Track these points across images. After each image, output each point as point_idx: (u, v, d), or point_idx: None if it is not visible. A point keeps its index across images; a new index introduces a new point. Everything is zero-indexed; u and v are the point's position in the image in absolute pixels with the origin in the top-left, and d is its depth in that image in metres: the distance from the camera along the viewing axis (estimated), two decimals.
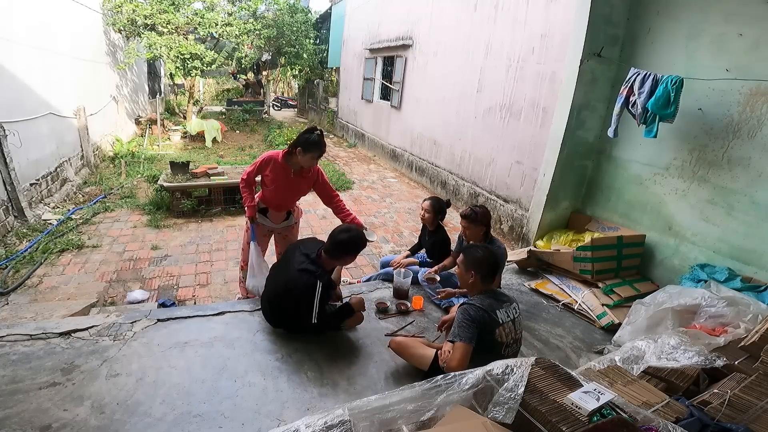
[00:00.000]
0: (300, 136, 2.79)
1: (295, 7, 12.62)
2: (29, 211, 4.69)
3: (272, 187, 2.93)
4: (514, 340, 2.12)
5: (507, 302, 2.15)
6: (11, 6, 4.85)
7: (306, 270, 2.40)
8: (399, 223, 5.69)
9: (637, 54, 3.50)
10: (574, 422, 1.34)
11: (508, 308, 2.12)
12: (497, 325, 2.04)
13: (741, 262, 2.94)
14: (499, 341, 2.05)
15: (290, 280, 2.43)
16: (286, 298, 2.47)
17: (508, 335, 2.07)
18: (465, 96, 6.23)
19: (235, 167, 6.37)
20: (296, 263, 2.45)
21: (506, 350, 2.07)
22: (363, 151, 10.84)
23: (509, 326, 2.09)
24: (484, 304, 2.07)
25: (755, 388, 1.80)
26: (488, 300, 2.10)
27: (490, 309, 2.06)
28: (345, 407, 1.44)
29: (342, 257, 2.52)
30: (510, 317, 2.10)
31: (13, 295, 3.38)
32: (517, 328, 2.14)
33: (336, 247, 2.46)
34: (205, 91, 20.14)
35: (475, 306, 2.07)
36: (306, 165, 2.84)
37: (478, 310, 2.05)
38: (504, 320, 2.07)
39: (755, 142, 2.83)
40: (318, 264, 2.46)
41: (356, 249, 2.52)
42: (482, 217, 2.92)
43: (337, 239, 2.46)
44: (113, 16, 8.73)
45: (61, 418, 1.88)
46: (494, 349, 2.03)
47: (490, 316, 2.04)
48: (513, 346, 2.12)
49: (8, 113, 4.52)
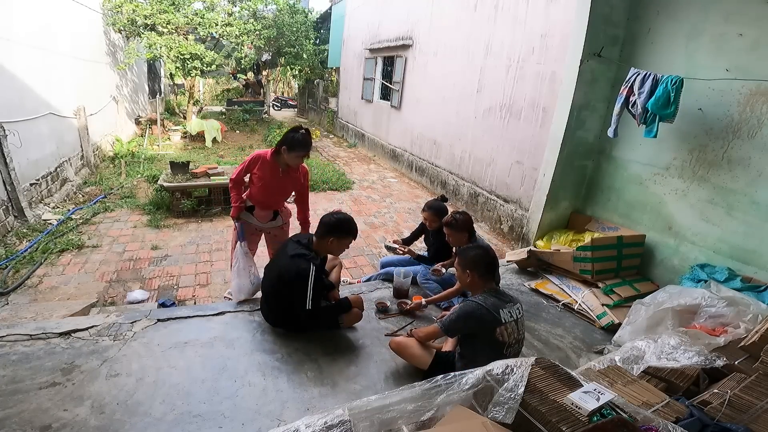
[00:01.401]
0: (286, 134, 2.82)
1: (295, 8, 12.62)
2: (29, 211, 4.69)
3: (259, 185, 2.94)
4: (516, 340, 2.12)
5: (510, 302, 2.15)
6: (11, 6, 4.85)
7: (298, 254, 2.44)
8: (399, 223, 5.69)
9: (637, 54, 3.50)
10: (574, 422, 1.34)
11: (511, 308, 2.12)
12: (499, 324, 2.04)
13: (741, 262, 2.94)
14: (500, 340, 2.05)
15: (283, 267, 2.47)
16: (281, 286, 2.49)
17: (510, 335, 2.07)
18: (465, 96, 6.23)
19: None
20: (289, 251, 2.51)
21: (508, 350, 2.07)
22: (363, 151, 10.84)
23: (512, 326, 2.08)
24: (487, 303, 2.08)
25: (755, 388, 1.80)
26: (492, 299, 2.11)
27: (492, 308, 2.06)
28: (345, 407, 1.45)
29: (333, 241, 2.51)
30: (513, 317, 2.10)
31: (13, 295, 3.38)
32: (520, 329, 2.14)
33: (324, 229, 2.49)
34: (205, 91, 20.14)
35: (476, 303, 2.09)
36: (292, 164, 2.87)
37: (479, 308, 2.06)
38: (507, 320, 2.07)
39: (755, 142, 2.83)
40: (310, 249, 2.51)
41: (344, 231, 2.51)
42: (463, 224, 2.90)
43: (324, 221, 2.51)
44: (113, 16, 8.73)
45: (61, 418, 1.88)
46: (496, 349, 2.03)
47: (492, 315, 2.04)
48: (515, 346, 2.12)
49: (8, 113, 4.52)
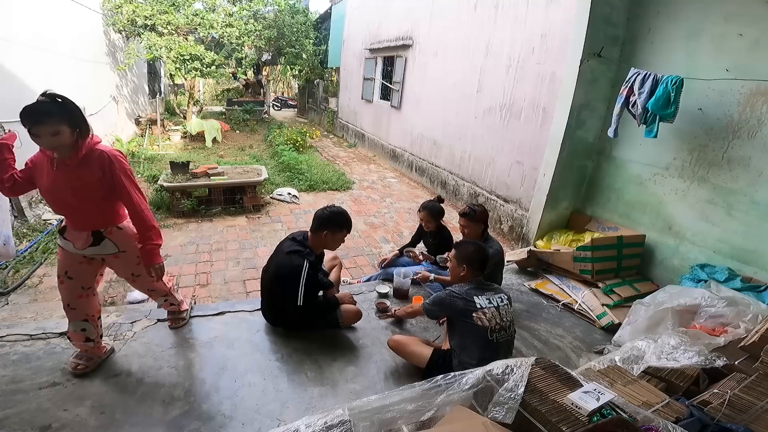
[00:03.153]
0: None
1: (296, 8, 12.63)
2: (29, 211, 4.69)
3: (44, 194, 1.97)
4: (501, 326, 2.15)
5: (491, 291, 2.25)
6: (11, 6, 4.86)
7: (292, 251, 2.46)
8: (399, 223, 5.69)
9: (637, 54, 3.50)
10: (574, 422, 1.34)
11: (491, 296, 2.21)
12: (474, 309, 2.14)
13: (741, 262, 2.94)
14: (480, 324, 2.11)
15: (278, 264, 2.49)
16: (276, 284, 2.49)
17: (491, 320, 2.13)
18: (465, 96, 6.23)
19: (235, 167, 6.38)
20: (285, 248, 2.52)
21: (493, 335, 2.12)
22: (363, 151, 10.84)
23: (491, 311, 2.15)
24: (460, 291, 2.22)
25: (755, 388, 1.80)
26: (467, 288, 2.23)
27: (467, 295, 2.19)
28: (345, 407, 1.45)
29: (327, 235, 2.51)
30: (493, 304, 2.18)
31: (13, 295, 3.38)
32: (503, 315, 2.19)
33: (317, 223, 2.51)
34: (205, 91, 20.14)
35: (448, 291, 2.27)
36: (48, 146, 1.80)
37: (450, 294, 2.24)
38: (483, 305, 2.15)
39: (755, 142, 2.82)
40: (305, 245, 2.51)
41: (337, 224, 2.51)
42: (480, 215, 2.96)
43: (317, 215, 2.52)
44: (113, 17, 8.73)
45: (61, 418, 1.88)
46: (478, 334, 2.11)
47: (464, 300, 2.17)
48: (501, 333, 2.15)
49: (8, 113, 4.50)
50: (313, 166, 8.05)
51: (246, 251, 4.48)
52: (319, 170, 7.83)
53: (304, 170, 7.59)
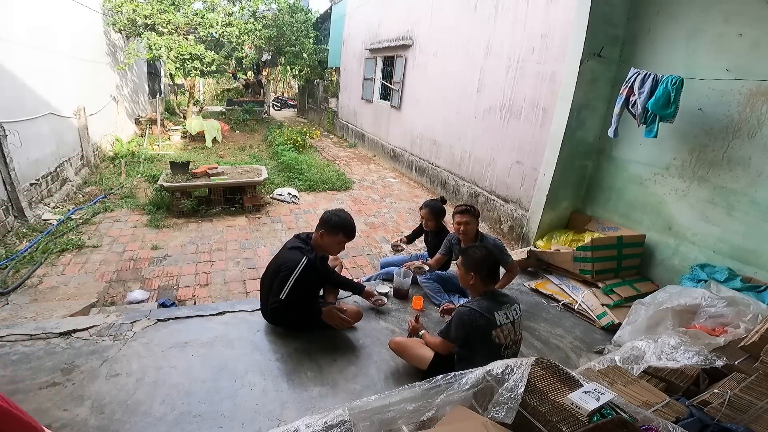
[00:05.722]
0: None
1: (295, 7, 12.62)
2: (29, 211, 4.69)
3: None
4: (514, 341, 2.12)
5: (507, 303, 2.15)
6: (11, 6, 4.85)
7: (294, 247, 2.51)
8: (399, 223, 5.69)
9: (637, 54, 3.50)
10: (574, 422, 1.34)
11: (507, 309, 2.12)
12: (494, 327, 2.05)
13: (741, 262, 2.94)
14: (497, 342, 2.05)
15: (278, 259, 2.53)
16: (273, 278, 2.49)
17: (506, 337, 2.07)
18: (465, 96, 6.23)
19: (235, 167, 6.37)
20: (288, 245, 2.57)
21: (505, 351, 2.07)
22: (363, 151, 10.84)
23: (508, 328, 2.09)
24: (481, 307, 2.08)
25: (755, 388, 1.80)
26: (486, 302, 2.11)
27: (487, 311, 2.07)
28: (345, 407, 1.45)
29: (323, 234, 2.51)
30: (509, 319, 2.10)
31: (13, 295, 3.38)
32: (517, 330, 2.14)
33: (319, 222, 2.55)
34: (205, 91, 20.14)
35: (470, 309, 2.10)
36: None
37: (472, 313, 2.07)
38: (502, 322, 2.07)
39: (755, 142, 2.82)
40: (308, 244, 2.57)
41: (333, 225, 2.50)
42: (477, 211, 3.04)
43: (323, 217, 2.56)
44: (113, 16, 8.73)
45: (61, 418, 1.88)
46: (492, 350, 2.04)
47: (486, 319, 2.05)
48: (512, 348, 2.12)
49: (8, 113, 4.52)
50: (313, 166, 8.05)
51: (246, 251, 4.49)
52: (319, 170, 7.83)
53: (304, 170, 7.59)
